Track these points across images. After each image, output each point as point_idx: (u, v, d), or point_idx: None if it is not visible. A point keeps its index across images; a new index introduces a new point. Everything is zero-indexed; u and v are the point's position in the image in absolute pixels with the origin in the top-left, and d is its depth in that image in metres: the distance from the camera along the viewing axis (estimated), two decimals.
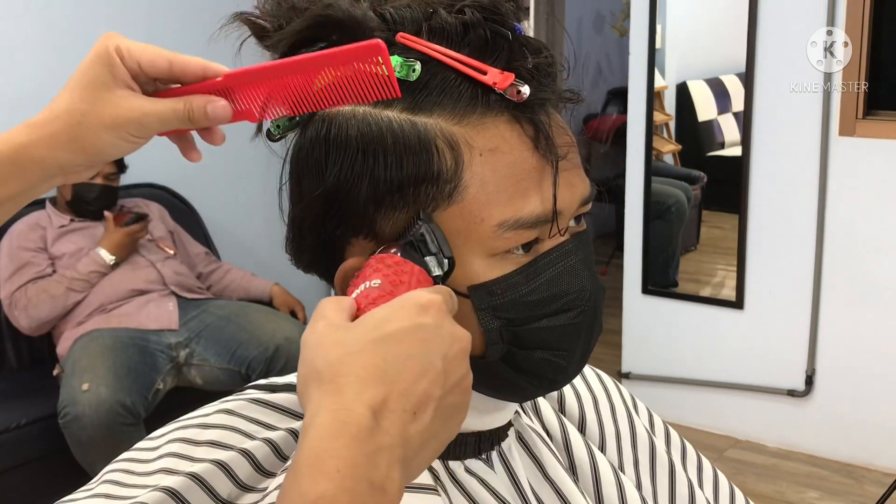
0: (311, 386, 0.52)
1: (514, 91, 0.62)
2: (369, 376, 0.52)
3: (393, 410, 0.52)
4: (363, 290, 0.59)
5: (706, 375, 3.35)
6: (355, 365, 0.52)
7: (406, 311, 0.55)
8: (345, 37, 0.64)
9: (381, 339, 0.53)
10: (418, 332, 0.54)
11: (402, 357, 0.53)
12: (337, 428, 0.50)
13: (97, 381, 2.59)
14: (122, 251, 2.93)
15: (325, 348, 0.53)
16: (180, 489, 0.67)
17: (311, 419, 0.51)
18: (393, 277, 0.59)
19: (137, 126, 0.62)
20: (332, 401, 0.51)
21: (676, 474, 0.86)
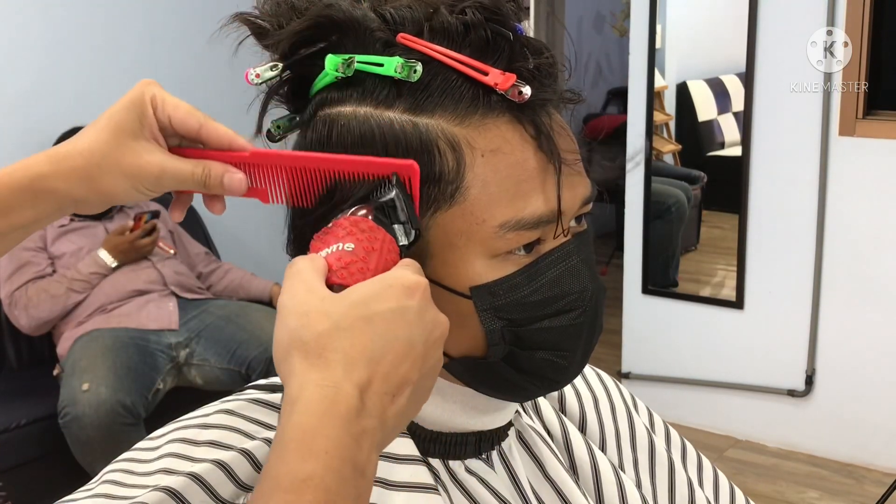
0: (295, 355, 0.53)
1: (515, 92, 0.62)
2: (357, 355, 0.53)
3: (376, 392, 0.53)
4: (335, 252, 0.58)
5: (706, 375, 3.35)
6: (344, 341, 0.53)
7: (393, 291, 0.55)
8: (345, 37, 0.64)
9: (369, 318, 0.54)
10: (404, 314, 0.55)
11: (387, 338, 0.54)
12: (326, 406, 0.51)
13: (97, 381, 2.59)
14: (123, 256, 2.93)
15: (312, 318, 0.54)
16: (180, 489, 0.67)
17: (298, 392, 0.51)
18: (366, 244, 0.59)
19: (154, 181, 0.63)
20: (319, 375, 0.52)
21: (676, 473, 0.86)
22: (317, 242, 0.61)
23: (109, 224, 3.06)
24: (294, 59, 0.65)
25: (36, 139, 3.08)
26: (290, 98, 0.68)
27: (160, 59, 3.47)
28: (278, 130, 0.68)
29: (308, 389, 0.51)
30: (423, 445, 0.71)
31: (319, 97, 0.65)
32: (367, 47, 0.64)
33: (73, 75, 3.29)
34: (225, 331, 2.89)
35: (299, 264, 0.57)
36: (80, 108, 3.17)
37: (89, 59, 3.33)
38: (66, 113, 3.11)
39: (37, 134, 3.10)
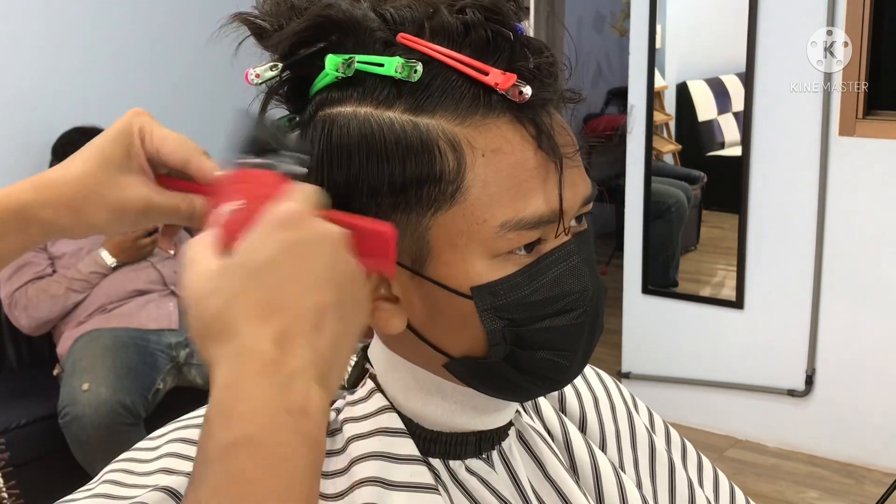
0: (208, 344, 0.53)
1: (515, 92, 0.62)
2: (259, 312, 0.52)
3: (295, 334, 0.52)
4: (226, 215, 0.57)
5: (706, 375, 3.35)
6: (240, 307, 0.52)
7: (268, 232, 0.55)
8: (345, 37, 0.64)
9: (255, 272, 0.53)
10: (289, 249, 0.54)
11: (282, 280, 0.53)
12: (238, 372, 0.51)
13: (97, 381, 2.59)
14: (124, 255, 2.93)
15: (207, 300, 0.53)
16: (180, 489, 0.67)
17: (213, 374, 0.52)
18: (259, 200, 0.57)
19: (138, 216, 0.64)
20: (230, 348, 0.52)
21: (676, 473, 0.86)
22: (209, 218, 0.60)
23: None
24: (294, 59, 0.65)
25: (36, 139, 3.09)
26: (290, 98, 0.68)
27: (160, 60, 3.47)
28: None
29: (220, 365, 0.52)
30: (424, 445, 0.71)
31: (319, 97, 0.65)
32: (368, 47, 0.64)
33: (73, 75, 3.29)
34: None
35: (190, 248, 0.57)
36: (80, 108, 3.17)
37: (89, 59, 3.33)
38: (66, 113, 3.11)
39: (37, 134, 3.10)
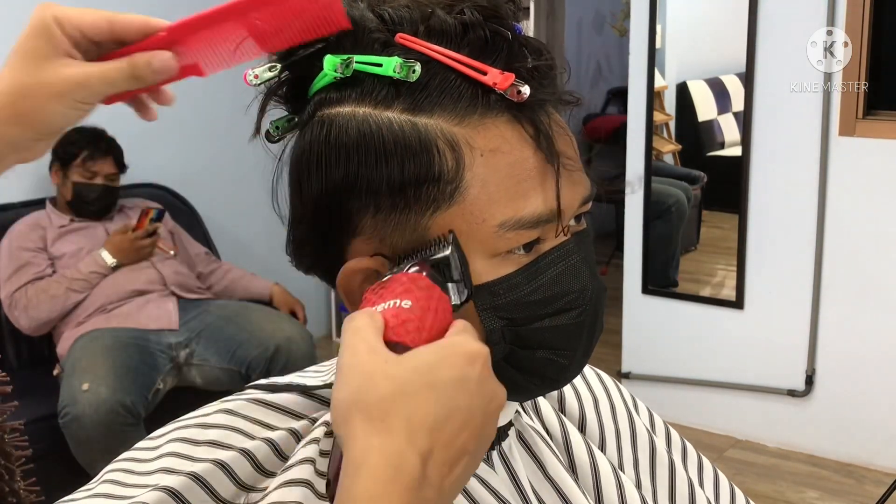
0: (357, 417, 0.52)
1: (514, 91, 0.62)
2: (420, 423, 0.52)
3: (436, 462, 0.52)
4: (392, 308, 0.58)
5: (706, 375, 3.35)
6: (408, 408, 0.52)
7: (456, 359, 0.55)
8: (343, 37, 0.64)
9: (432, 385, 0.53)
10: (467, 384, 0.54)
11: (449, 407, 0.53)
12: (391, 475, 0.50)
13: (97, 381, 2.59)
14: (124, 255, 2.93)
15: (376, 381, 0.53)
16: (180, 489, 0.67)
17: (362, 456, 0.51)
18: (423, 302, 0.59)
19: (84, 90, 0.61)
20: (382, 441, 0.51)
21: (676, 473, 0.87)
22: (371, 296, 0.61)
23: (110, 224, 3.06)
24: (292, 59, 0.65)
25: None
26: (288, 99, 0.68)
27: None
28: (277, 131, 0.68)
29: (373, 456, 0.51)
30: None
31: (318, 98, 0.65)
32: (366, 47, 0.64)
33: None
34: (225, 331, 2.89)
35: (359, 320, 0.57)
36: None
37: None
38: None
39: None
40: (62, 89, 0.61)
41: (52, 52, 0.61)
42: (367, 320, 0.57)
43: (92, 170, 2.98)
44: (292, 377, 0.79)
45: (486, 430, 0.56)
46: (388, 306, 0.58)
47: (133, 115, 0.70)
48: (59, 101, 0.61)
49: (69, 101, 0.61)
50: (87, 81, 0.61)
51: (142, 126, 0.64)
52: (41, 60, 0.61)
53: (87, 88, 0.61)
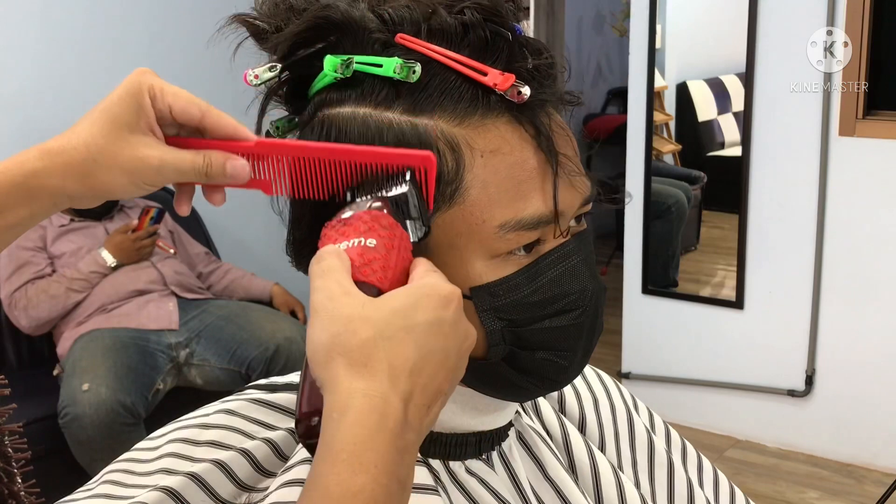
0: (339, 361, 0.52)
1: (514, 92, 0.62)
2: (401, 367, 0.53)
3: (416, 404, 0.53)
4: (357, 247, 0.58)
5: (706, 375, 3.35)
6: (389, 352, 0.53)
7: (431, 300, 0.55)
8: (343, 38, 0.64)
9: (410, 328, 0.54)
10: (442, 325, 0.55)
11: (427, 349, 0.54)
12: (376, 419, 0.51)
13: (97, 381, 2.59)
14: (124, 255, 2.93)
15: (355, 324, 0.53)
16: (180, 489, 0.67)
17: (346, 400, 0.51)
18: (387, 241, 0.59)
19: (154, 174, 0.61)
20: (365, 385, 0.52)
21: (676, 474, 0.87)
22: (332, 232, 0.60)
23: (110, 224, 3.06)
24: (292, 59, 0.65)
25: (35, 139, 3.05)
26: (289, 99, 0.68)
27: (160, 60, 3.47)
28: (277, 131, 0.68)
29: (357, 399, 0.51)
30: (424, 446, 0.71)
31: (318, 98, 0.65)
32: (366, 48, 0.64)
33: (73, 75, 3.29)
34: (225, 331, 2.89)
35: (328, 260, 0.57)
36: (80, 108, 3.13)
37: (89, 58, 3.33)
38: (66, 113, 3.09)
39: (36, 133, 3.08)
40: (134, 167, 0.60)
41: (136, 124, 0.61)
42: (336, 260, 0.56)
43: None
44: (292, 377, 0.79)
45: (458, 370, 0.57)
46: (353, 244, 0.58)
47: None
48: (127, 176, 0.61)
49: (137, 179, 0.61)
50: (160, 168, 0.61)
51: None
52: (123, 130, 0.60)
53: (158, 173, 0.61)
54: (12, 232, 0.62)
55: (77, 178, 0.61)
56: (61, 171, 0.60)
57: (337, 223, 0.61)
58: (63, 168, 0.60)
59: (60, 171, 0.60)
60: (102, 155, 0.60)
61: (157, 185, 0.62)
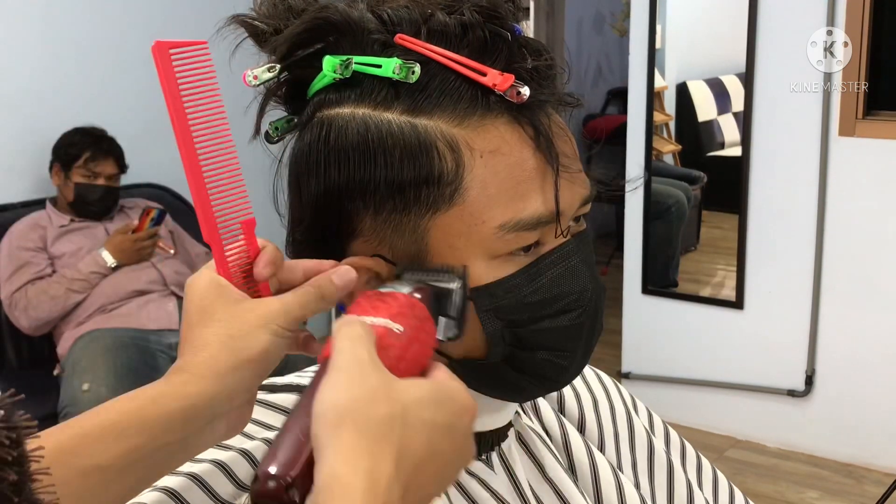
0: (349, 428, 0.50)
1: (513, 92, 0.62)
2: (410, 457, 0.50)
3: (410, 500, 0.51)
4: (383, 326, 0.56)
5: (706, 375, 3.35)
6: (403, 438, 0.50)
7: (453, 405, 0.54)
8: (342, 38, 0.64)
9: (428, 424, 0.52)
10: (455, 433, 0.53)
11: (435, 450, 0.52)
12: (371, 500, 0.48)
13: (97, 382, 2.59)
14: (124, 256, 2.93)
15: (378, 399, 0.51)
16: (179, 489, 0.67)
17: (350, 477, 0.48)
18: (413, 332, 0.57)
19: (284, 316, 0.60)
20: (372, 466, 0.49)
21: (675, 475, 0.87)
22: (365, 302, 0.59)
23: (110, 224, 3.06)
24: (291, 60, 0.65)
25: (35, 139, 3.08)
26: (288, 100, 0.68)
27: None
28: (276, 132, 0.68)
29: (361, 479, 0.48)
30: None
31: (317, 99, 0.65)
32: (365, 48, 0.64)
33: (73, 75, 3.29)
34: None
35: (358, 328, 0.54)
36: (81, 108, 3.17)
37: (89, 59, 3.33)
38: (66, 113, 3.11)
39: (36, 134, 3.10)
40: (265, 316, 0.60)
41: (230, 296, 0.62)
42: (365, 331, 0.55)
43: (94, 170, 2.98)
44: (292, 377, 0.79)
45: (448, 482, 0.55)
46: (380, 323, 0.56)
47: (133, 115, 0.70)
48: (264, 329, 0.60)
49: (274, 327, 0.60)
50: (286, 308, 0.60)
51: (142, 126, 0.64)
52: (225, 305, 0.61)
53: (287, 314, 0.60)
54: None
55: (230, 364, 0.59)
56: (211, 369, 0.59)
57: (374, 295, 0.59)
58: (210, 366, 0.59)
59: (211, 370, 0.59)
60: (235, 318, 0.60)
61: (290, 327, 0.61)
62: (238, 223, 0.62)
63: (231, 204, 0.61)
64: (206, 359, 0.59)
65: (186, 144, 0.59)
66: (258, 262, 0.62)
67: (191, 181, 0.59)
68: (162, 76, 0.59)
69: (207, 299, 0.61)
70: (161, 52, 0.59)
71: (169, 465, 0.60)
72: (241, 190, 0.61)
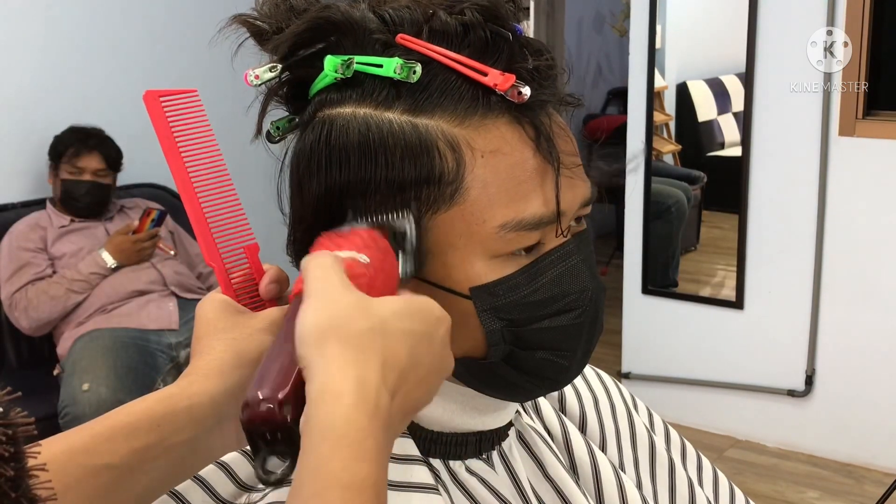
0: (333, 343, 0.52)
1: (514, 92, 0.62)
2: (393, 365, 0.53)
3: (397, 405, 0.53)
4: (350, 258, 0.58)
5: (706, 375, 3.35)
6: (385, 347, 0.53)
7: (428, 315, 0.56)
8: (343, 38, 0.64)
9: (407, 333, 0.54)
10: (433, 342, 0.56)
11: (416, 360, 0.54)
12: (371, 408, 0.50)
13: (97, 382, 2.59)
14: (124, 256, 2.92)
15: (355, 315, 0.53)
16: (181, 489, 0.67)
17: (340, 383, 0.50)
18: (378, 263, 0.59)
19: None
20: (359, 372, 0.51)
21: (676, 473, 0.87)
22: (327, 241, 0.61)
23: (110, 224, 3.06)
24: (293, 60, 0.65)
25: (36, 139, 3.08)
26: (289, 99, 0.68)
27: (160, 60, 3.47)
28: (278, 132, 0.68)
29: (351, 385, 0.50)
30: (424, 446, 0.71)
31: (319, 98, 0.65)
32: (366, 48, 0.64)
33: (73, 75, 3.29)
34: None
35: (326, 258, 0.57)
36: (81, 108, 3.17)
37: (89, 59, 3.33)
38: (66, 113, 3.11)
39: (36, 133, 3.10)
40: (269, 320, 0.63)
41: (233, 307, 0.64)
42: (334, 260, 0.57)
43: (78, 166, 2.97)
44: None
45: (432, 392, 0.57)
46: (346, 256, 0.58)
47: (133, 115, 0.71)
48: (267, 331, 0.63)
49: (275, 329, 0.62)
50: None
51: (141, 126, 0.64)
52: (237, 314, 0.64)
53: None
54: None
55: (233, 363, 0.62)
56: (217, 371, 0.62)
57: (334, 234, 0.61)
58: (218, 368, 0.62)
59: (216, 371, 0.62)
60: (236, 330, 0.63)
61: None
62: (241, 248, 0.66)
63: (232, 232, 0.66)
64: (210, 360, 0.61)
65: (183, 181, 0.63)
66: (263, 281, 0.65)
67: (190, 214, 0.64)
68: (154, 121, 0.63)
69: (213, 313, 0.64)
70: (152, 100, 0.63)
71: (180, 470, 0.62)
72: (241, 218, 0.66)
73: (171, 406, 0.59)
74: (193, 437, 0.59)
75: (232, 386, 0.61)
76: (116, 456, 0.57)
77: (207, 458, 0.63)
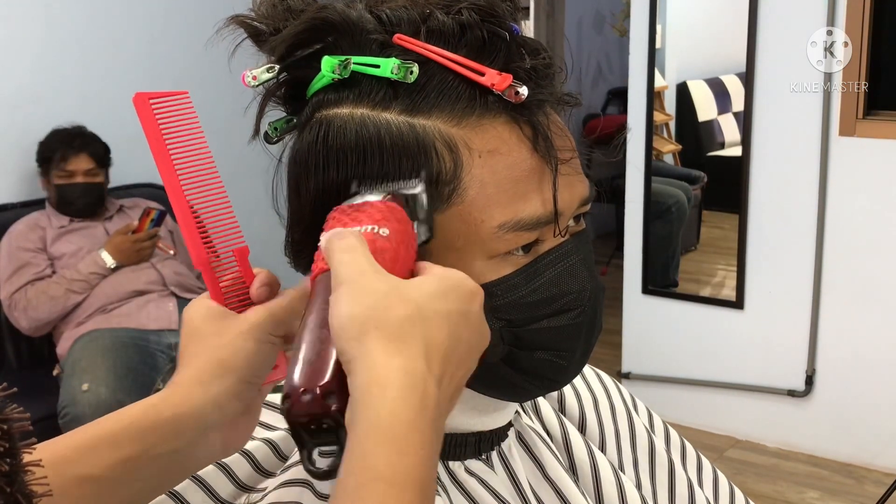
0: (374, 335, 0.50)
1: (512, 92, 0.61)
2: (436, 349, 0.52)
3: (444, 391, 0.52)
4: (371, 233, 0.57)
5: (706, 375, 3.35)
6: (426, 332, 0.52)
7: (461, 292, 0.55)
8: (340, 39, 0.64)
9: (445, 314, 0.53)
10: (470, 318, 0.55)
11: (456, 338, 0.53)
12: (418, 399, 0.49)
13: (97, 382, 2.59)
14: (124, 256, 2.92)
15: (392, 302, 0.52)
16: (180, 489, 0.67)
17: (385, 376, 0.49)
18: (399, 235, 0.58)
19: (270, 320, 0.63)
20: (403, 362, 0.50)
21: (676, 474, 0.87)
22: (343, 217, 0.59)
23: (109, 224, 3.06)
24: (290, 60, 0.65)
25: (35, 139, 3.08)
26: (287, 100, 0.68)
27: (159, 60, 3.47)
28: (275, 132, 0.68)
29: (397, 376, 0.49)
30: None
31: (316, 99, 0.65)
32: (364, 49, 0.64)
33: (73, 75, 3.29)
34: None
35: (350, 239, 0.55)
36: (81, 108, 3.17)
37: (89, 59, 3.33)
38: (65, 113, 3.11)
39: (35, 134, 3.09)
40: (252, 324, 0.62)
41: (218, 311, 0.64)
42: (358, 241, 0.55)
43: (67, 169, 2.96)
44: None
45: (471, 370, 0.56)
46: (366, 230, 0.57)
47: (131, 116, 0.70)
48: (250, 335, 0.62)
49: (260, 334, 0.62)
50: (271, 312, 0.63)
51: (140, 126, 0.64)
52: (221, 319, 0.63)
53: (272, 318, 0.63)
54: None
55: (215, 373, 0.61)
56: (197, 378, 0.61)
57: (348, 208, 0.60)
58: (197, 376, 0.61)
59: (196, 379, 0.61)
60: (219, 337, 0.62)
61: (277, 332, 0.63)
62: (231, 252, 0.65)
63: (221, 235, 0.65)
64: (192, 370, 0.60)
65: (171, 184, 0.63)
66: (254, 285, 0.65)
67: (179, 217, 0.63)
68: (144, 123, 0.62)
69: (197, 320, 0.63)
70: (142, 102, 0.62)
71: (166, 480, 0.61)
72: (231, 221, 0.65)
73: (155, 416, 0.59)
74: (178, 447, 0.59)
75: (214, 396, 0.60)
76: (100, 466, 0.56)
77: (193, 468, 0.63)
